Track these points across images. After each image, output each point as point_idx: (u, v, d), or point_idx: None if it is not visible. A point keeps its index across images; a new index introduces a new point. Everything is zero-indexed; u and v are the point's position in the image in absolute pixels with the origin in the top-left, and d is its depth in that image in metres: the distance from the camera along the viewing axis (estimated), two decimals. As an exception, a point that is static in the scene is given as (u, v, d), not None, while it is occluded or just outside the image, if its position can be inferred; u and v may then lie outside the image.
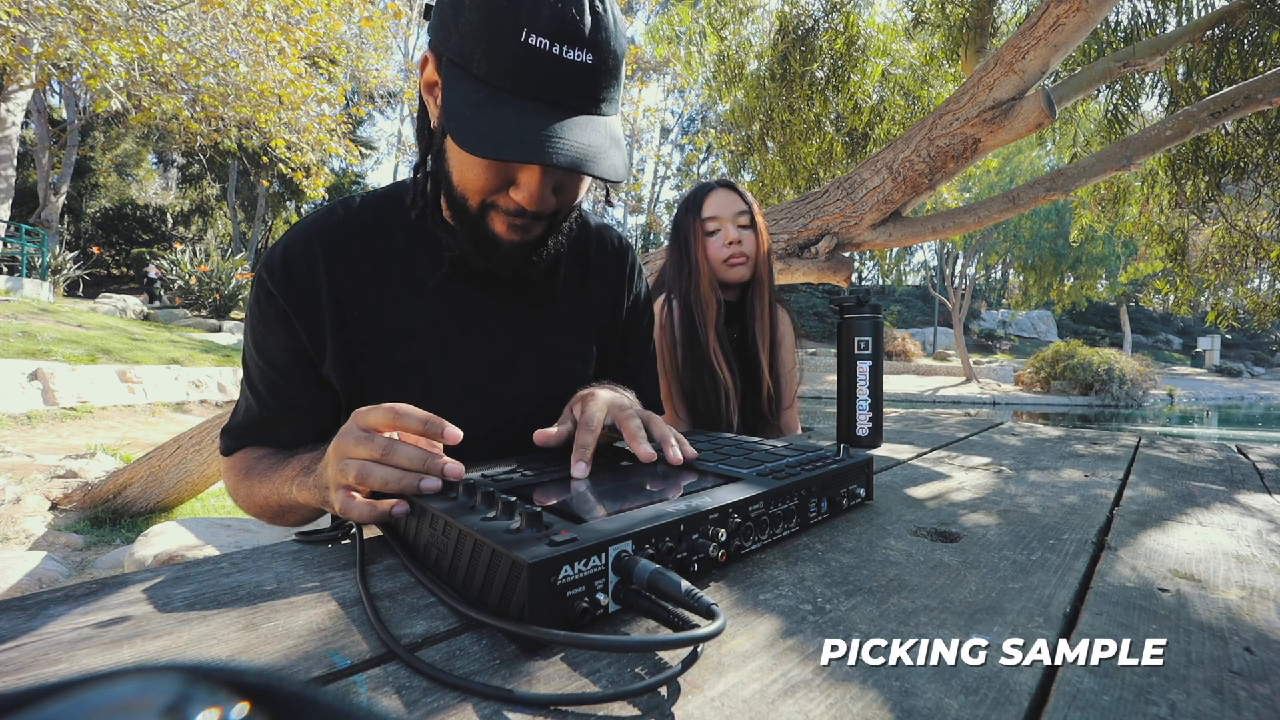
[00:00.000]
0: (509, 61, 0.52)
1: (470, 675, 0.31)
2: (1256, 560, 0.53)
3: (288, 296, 0.66)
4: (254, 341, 0.70)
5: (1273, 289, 5.08)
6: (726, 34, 4.62)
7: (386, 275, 0.70)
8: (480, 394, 0.73)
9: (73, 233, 18.70)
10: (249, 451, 0.71)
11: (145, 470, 2.95)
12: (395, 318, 0.70)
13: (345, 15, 4.89)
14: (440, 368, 0.71)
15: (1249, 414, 14.89)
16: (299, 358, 0.68)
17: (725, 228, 1.35)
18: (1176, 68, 3.16)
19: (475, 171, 0.59)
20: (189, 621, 0.37)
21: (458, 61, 0.55)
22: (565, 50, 0.52)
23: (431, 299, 0.71)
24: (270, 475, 0.64)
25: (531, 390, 0.77)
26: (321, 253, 0.67)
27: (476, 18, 0.53)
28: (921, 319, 29.04)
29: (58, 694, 0.11)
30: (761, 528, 0.50)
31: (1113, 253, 16.79)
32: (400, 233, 0.71)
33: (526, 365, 0.76)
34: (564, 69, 0.53)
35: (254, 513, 0.70)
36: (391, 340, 0.70)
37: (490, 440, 0.68)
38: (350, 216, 0.71)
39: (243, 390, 0.73)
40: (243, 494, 0.70)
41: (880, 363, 1.00)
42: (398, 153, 24.76)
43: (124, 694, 0.12)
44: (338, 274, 0.67)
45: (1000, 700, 0.30)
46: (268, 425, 0.71)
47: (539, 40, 0.52)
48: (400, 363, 0.70)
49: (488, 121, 0.52)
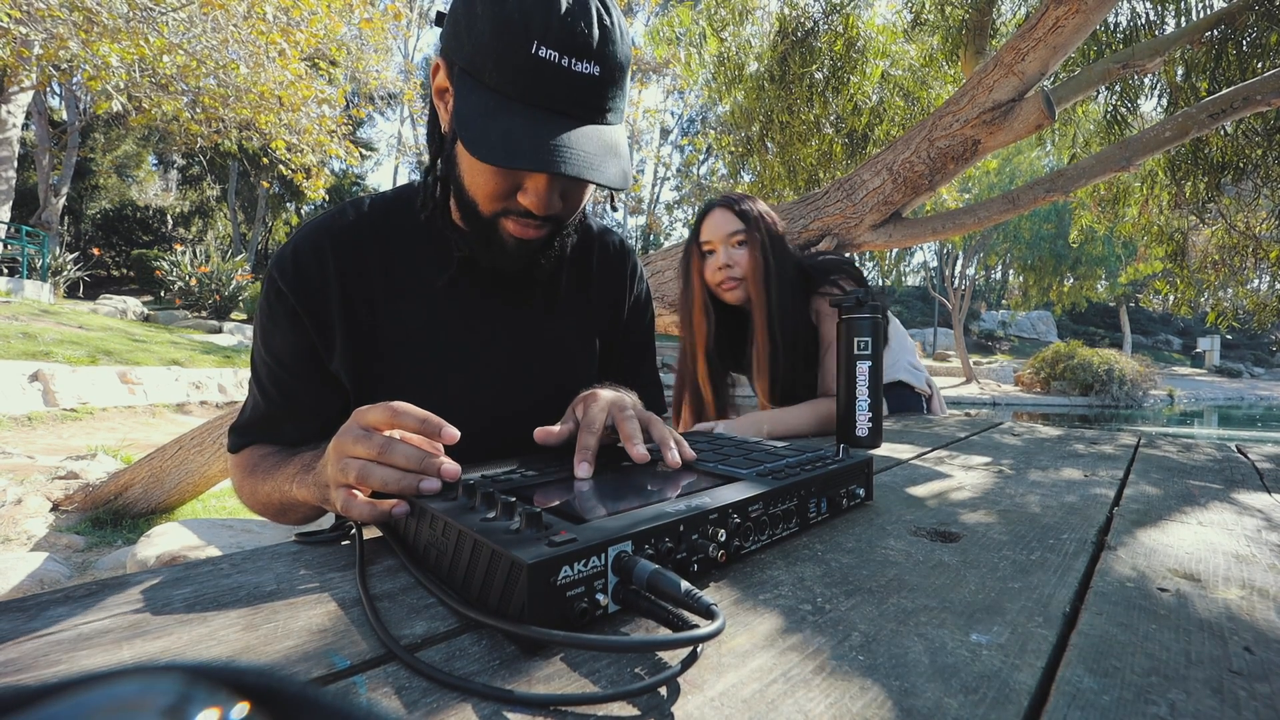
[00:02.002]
0: (519, 72, 0.54)
1: (470, 676, 0.32)
2: (1256, 559, 0.53)
3: (298, 294, 0.67)
4: (263, 339, 0.71)
5: (1272, 289, 5.08)
6: (726, 35, 4.62)
7: (395, 275, 0.71)
8: (484, 393, 0.74)
9: (73, 234, 18.72)
10: (255, 449, 0.72)
11: (146, 471, 2.95)
12: (403, 317, 0.71)
13: (345, 17, 4.90)
14: (445, 367, 0.72)
15: (1249, 414, 14.89)
16: (307, 355, 0.69)
17: (718, 251, 1.36)
18: (1175, 69, 3.16)
19: (485, 177, 0.61)
20: (189, 622, 0.37)
21: (469, 70, 0.56)
22: (574, 63, 0.54)
23: (438, 299, 0.72)
24: (273, 473, 0.65)
25: (534, 390, 0.78)
26: (332, 252, 0.68)
27: (488, 29, 0.54)
28: (921, 319, 29.04)
29: (58, 694, 0.11)
30: (761, 528, 0.50)
31: (1112, 253, 16.80)
32: (408, 234, 0.73)
33: (530, 366, 0.78)
34: (572, 80, 0.55)
35: (258, 510, 0.71)
36: (399, 339, 0.71)
37: (492, 439, 0.69)
38: (360, 218, 0.72)
39: (250, 388, 0.74)
40: (247, 491, 0.70)
41: (880, 363, 1.00)
42: (398, 154, 24.80)
43: (124, 694, 0.12)
44: (347, 273, 0.69)
45: (1000, 699, 0.30)
46: (274, 422, 0.72)
47: (549, 53, 0.53)
48: (406, 361, 0.71)
49: (498, 130, 0.54)
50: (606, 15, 0.56)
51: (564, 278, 0.81)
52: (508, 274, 0.72)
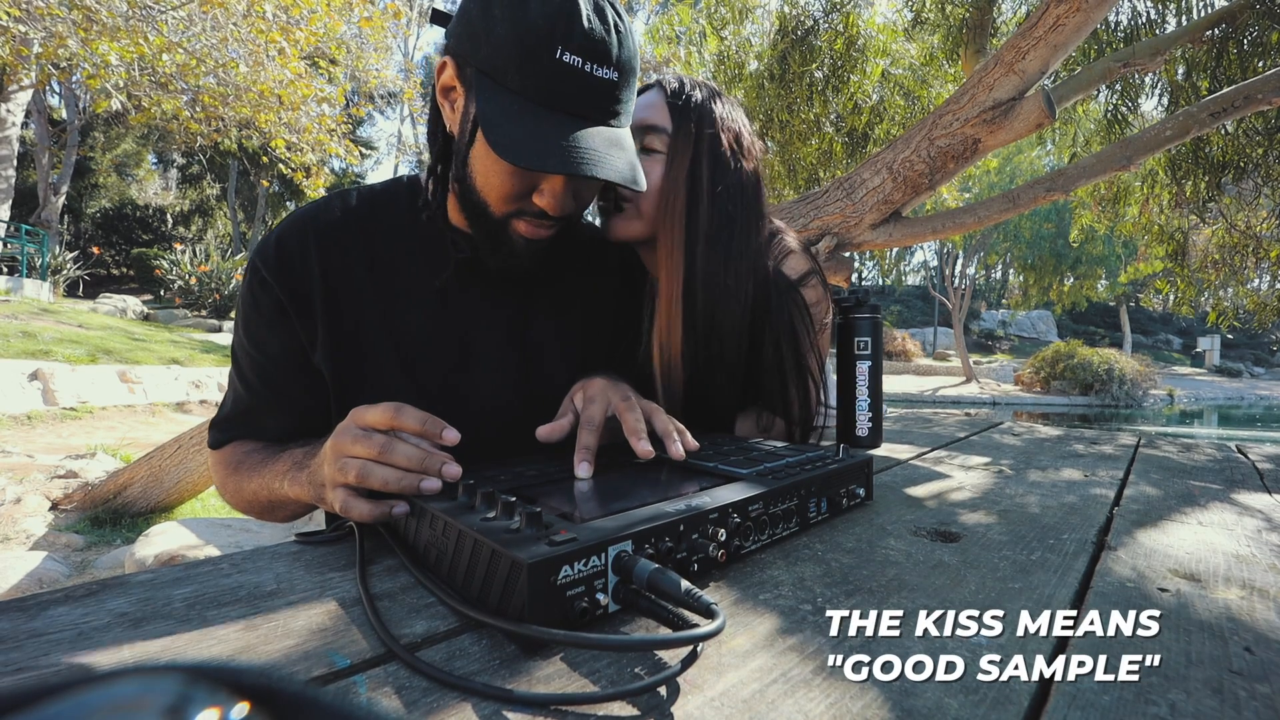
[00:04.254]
0: (544, 77, 0.55)
1: (470, 675, 0.32)
2: (1256, 560, 0.53)
3: (281, 284, 0.66)
4: (245, 329, 0.70)
5: (1273, 289, 5.08)
6: (726, 34, 4.62)
7: (381, 269, 0.70)
8: (481, 394, 0.74)
9: (72, 233, 18.69)
10: (238, 445, 0.72)
11: (145, 470, 2.95)
12: (388, 312, 0.70)
13: (345, 15, 4.89)
14: (440, 368, 0.72)
15: (1249, 414, 14.89)
16: (290, 346, 0.68)
17: None
18: (1176, 68, 3.16)
19: (501, 178, 0.61)
20: (189, 622, 0.37)
21: (488, 73, 0.56)
22: (595, 68, 0.56)
23: (432, 299, 0.72)
24: (260, 470, 0.64)
25: (532, 390, 0.77)
26: (315, 242, 0.68)
27: (510, 33, 0.54)
28: (921, 319, 29.02)
29: (58, 693, 0.11)
30: (761, 528, 0.50)
31: (1113, 253, 16.80)
32: (395, 228, 0.72)
33: (527, 365, 0.77)
34: (593, 85, 0.56)
35: (242, 508, 0.70)
36: (383, 334, 0.70)
37: (490, 441, 0.68)
38: (346, 210, 0.71)
39: (231, 382, 0.73)
40: (231, 488, 0.70)
41: (880, 363, 1.00)
42: (398, 153, 24.79)
43: (124, 694, 0.12)
44: (331, 264, 0.68)
45: (1000, 700, 0.30)
46: (255, 415, 0.71)
47: (572, 58, 0.55)
48: (398, 362, 0.70)
49: (524, 133, 0.55)
50: (620, 20, 0.57)
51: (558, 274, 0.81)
52: (507, 273, 0.71)
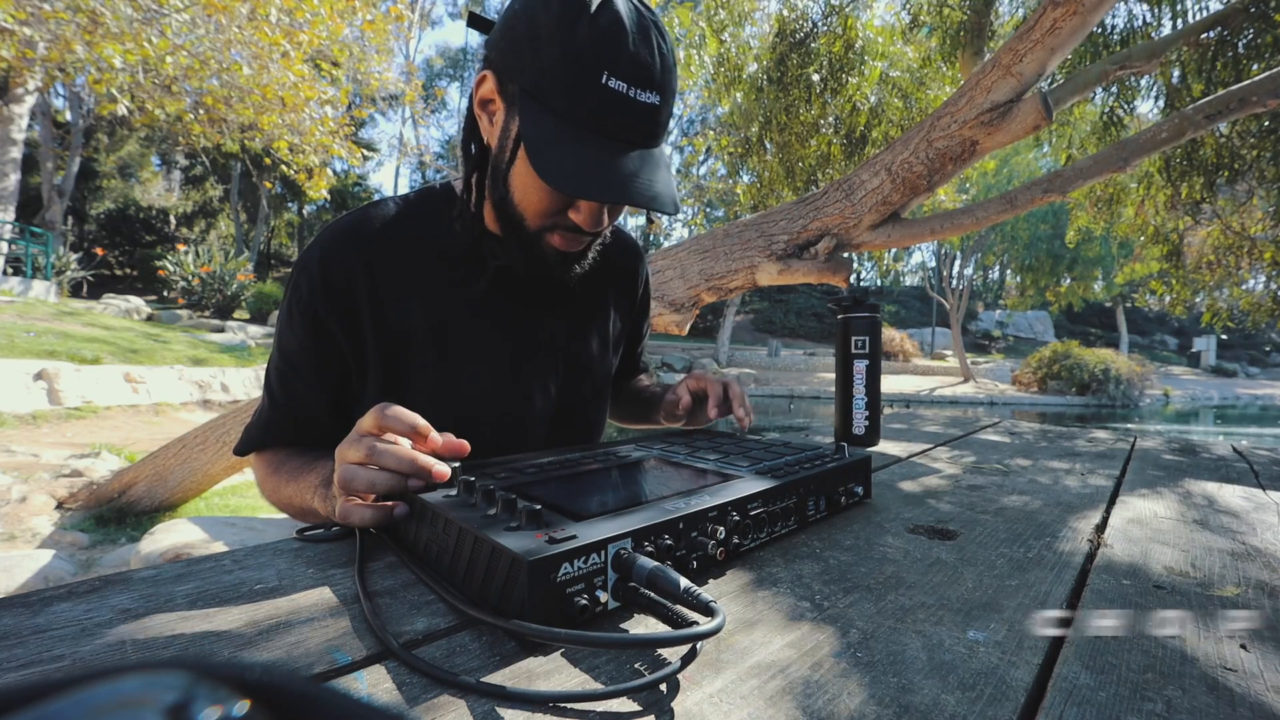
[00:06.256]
0: (590, 102, 0.55)
1: (470, 672, 0.32)
2: (1251, 557, 0.53)
3: (328, 309, 0.68)
4: (279, 341, 0.72)
5: (1267, 289, 5.09)
6: (726, 37, 4.63)
7: (424, 280, 0.72)
8: (518, 397, 0.76)
9: (77, 234, 18.68)
10: (278, 449, 0.74)
11: (150, 469, 2.95)
12: (433, 322, 0.72)
13: (348, 19, 4.90)
14: (479, 372, 0.73)
15: (1244, 413, 14.89)
16: (313, 357, 0.70)
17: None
18: (1171, 71, 3.17)
19: (539, 195, 0.62)
20: (191, 618, 0.37)
21: (533, 94, 0.57)
22: (639, 93, 0.56)
23: (468, 304, 0.74)
24: (295, 479, 0.66)
25: (562, 393, 0.80)
26: (360, 261, 0.69)
27: (557, 55, 0.55)
28: (919, 319, 29.02)
29: (60, 690, 0.11)
30: (760, 526, 0.50)
31: (1109, 254, 16.80)
32: (434, 237, 0.74)
33: (557, 367, 0.79)
34: (637, 110, 0.57)
35: (281, 508, 0.72)
36: (429, 344, 0.72)
37: (527, 443, 0.74)
38: (385, 223, 0.73)
39: (264, 391, 0.75)
40: (269, 488, 0.72)
41: (878, 362, 1.00)
42: (399, 154, 24.80)
43: (126, 691, 0.12)
44: (377, 280, 0.70)
45: (997, 696, 0.31)
46: (277, 427, 0.73)
47: (618, 84, 0.55)
48: (438, 367, 0.72)
49: (569, 157, 0.56)
50: (663, 42, 0.58)
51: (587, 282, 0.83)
52: (541, 281, 0.74)
